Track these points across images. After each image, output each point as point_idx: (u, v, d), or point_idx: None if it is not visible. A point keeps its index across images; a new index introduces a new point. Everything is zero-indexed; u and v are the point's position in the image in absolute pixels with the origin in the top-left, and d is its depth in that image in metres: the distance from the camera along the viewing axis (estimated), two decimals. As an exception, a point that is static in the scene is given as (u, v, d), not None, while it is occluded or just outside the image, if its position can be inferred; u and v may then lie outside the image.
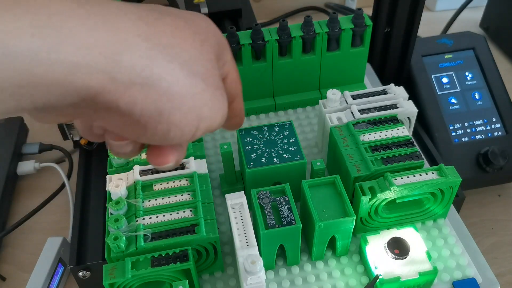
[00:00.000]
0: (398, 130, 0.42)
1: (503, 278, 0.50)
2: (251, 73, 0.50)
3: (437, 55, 0.61)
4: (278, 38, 0.48)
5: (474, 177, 0.55)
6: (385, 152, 0.40)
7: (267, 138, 0.42)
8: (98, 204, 0.50)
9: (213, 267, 0.38)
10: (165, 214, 0.36)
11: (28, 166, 0.59)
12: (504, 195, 0.59)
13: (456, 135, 0.56)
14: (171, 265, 0.33)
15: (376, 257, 0.37)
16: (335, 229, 0.37)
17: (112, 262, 0.34)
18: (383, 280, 0.35)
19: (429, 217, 0.41)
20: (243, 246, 0.34)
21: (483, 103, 0.58)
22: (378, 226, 0.40)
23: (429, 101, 0.58)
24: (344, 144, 0.41)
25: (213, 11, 0.67)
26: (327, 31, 0.48)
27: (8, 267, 0.53)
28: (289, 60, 0.50)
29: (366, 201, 0.37)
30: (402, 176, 0.38)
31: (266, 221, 0.35)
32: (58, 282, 0.49)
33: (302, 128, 0.51)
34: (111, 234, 0.34)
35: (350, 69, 0.52)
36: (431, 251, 0.39)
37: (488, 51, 0.61)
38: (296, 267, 0.39)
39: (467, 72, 0.60)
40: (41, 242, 0.50)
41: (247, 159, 0.41)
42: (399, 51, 0.59)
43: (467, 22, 0.82)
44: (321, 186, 0.38)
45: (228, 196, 0.37)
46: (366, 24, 0.49)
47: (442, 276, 0.38)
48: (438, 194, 0.39)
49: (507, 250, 0.53)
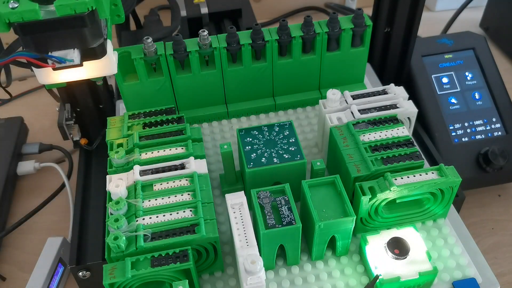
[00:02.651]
0: (398, 130, 0.42)
1: (503, 278, 0.50)
2: (251, 73, 0.50)
3: (437, 55, 0.61)
4: (278, 38, 0.48)
5: (474, 177, 0.55)
6: (385, 152, 0.40)
7: (267, 138, 0.42)
8: (98, 204, 0.50)
9: (213, 267, 0.38)
10: (165, 214, 0.36)
11: (28, 166, 0.59)
12: (504, 195, 0.59)
13: (456, 135, 0.56)
14: (171, 265, 0.33)
15: (376, 257, 0.37)
16: (335, 229, 0.37)
17: (112, 262, 0.34)
18: (383, 280, 0.35)
19: (429, 217, 0.41)
20: (243, 246, 0.34)
21: (483, 103, 0.58)
22: (378, 226, 0.40)
23: (429, 101, 0.58)
24: (344, 144, 0.41)
25: (213, 11, 0.67)
26: (327, 31, 0.48)
27: (8, 267, 0.53)
28: (289, 60, 0.50)
29: (366, 201, 0.37)
30: (402, 176, 0.38)
31: (266, 221, 0.35)
32: (58, 282, 0.49)
33: (302, 128, 0.51)
34: (111, 234, 0.34)
35: (350, 69, 0.52)
36: (431, 251, 0.39)
37: (488, 51, 0.61)
38: (296, 267, 0.39)
39: (467, 72, 0.60)
40: (41, 242, 0.50)
41: (247, 159, 0.41)
42: (399, 51, 0.59)
43: (467, 22, 0.82)
44: (321, 186, 0.38)
45: (228, 196, 0.37)
46: (366, 24, 0.49)
47: (442, 276, 0.38)
48: (438, 194, 0.39)
49: (507, 250, 0.53)
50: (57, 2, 0.34)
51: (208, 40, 0.47)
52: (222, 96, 0.51)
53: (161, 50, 0.47)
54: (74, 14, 0.34)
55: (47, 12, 0.35)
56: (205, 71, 0.49)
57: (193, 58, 0.47)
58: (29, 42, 0.36)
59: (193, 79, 0.49)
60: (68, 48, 0.37)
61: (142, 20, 0.69)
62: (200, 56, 0.48)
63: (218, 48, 0.47)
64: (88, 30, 0.36)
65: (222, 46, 0.47)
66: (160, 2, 0.75)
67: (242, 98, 0.52)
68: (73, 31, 0.36)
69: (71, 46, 0.37)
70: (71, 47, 0.37)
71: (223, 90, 0.51)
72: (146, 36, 0.46)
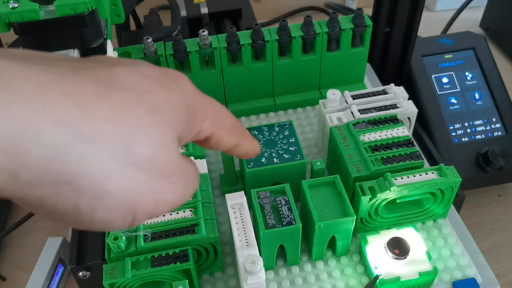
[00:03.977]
0: (398, 130, 0.42)
1: (503, 278, 0.50)
2: (251, 73, 0.50)
3: (437, 55, 0.60)
4: (278, 38, 0.48)
5: (474, 177, 0.55)
6: (385, 152, 0.40)
7: (267, 138, 0.42)
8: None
9: (213, 267, 0.38)
10: (165, 214, 0.36)
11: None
12: (504, 195, 0.59)
13: (456, 135, 0.56)
14: (171, 265, 0.33)
15: (376, 257, 0.37)
16: (335, 229, 0.37)
17: (112, 262, 0.34)
18: (383, 280, 0.35)
19: (429, 217, 0.41)
20: (243, 246, 0.34)
21: (483, 103, 0.58)
22: (378, 226, 0.40)
23: (429, 101, 0.58)
24: (344, 144, 0.41)
25: (213, 11, 0.67)
26: (327, 31, 0.48)
27: (8, 267, 0.53)
28: (289, 60, 0.50)
29: (366, 201, 0.37)
30: (402, 176, 0.38)
31: (266, 221, 0.35)
32: (58, 282, 0.49)
33: (302, 128, 0.51)
34: (111, 234, 0.34)
35: (350, 69, 0.52)
36: (431, 251, 0.39)
37: (488, 51, 0.61)
38: (296, 267, 0.39)
39: (467, 72, 0.60)
40: (41, 242, 0.50)
41: (247, 159, 0.41)
42: (399, 51, 0.59)
43: (467, 22, 0.82)
44: (321, 186, 0.38)
45: (228, 196, 0.37)
46: (366, 24, 0.49)
47: (442, 276, 0.38)
48: (438, 194, 0.39)
49: (507, 250, 0.53)
50: (57, 2, 0.34)
51: (208, 40, 0.47)
52: (222, 96, 0.51)
53: (161, 50, 0.47)
54: (74, 14, 0.34)
55: (47, 12, 0.35)
56: (205, 71, 0.49)
57: (193, 58, 0.47)
58: (29, 42, 0.36)
59: (193, 79, 0.49)
60: (68, 48, 0.37)
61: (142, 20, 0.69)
62: (200, 56, 0.48)
63: (218, 48, 0.47)
64: (88, 30, 0.36)
65: (222, 46, 0.47)
66: (160, 2, 0.75)
67: (242, 98, 0.52)
68: (73, 31, 0.36)
69: (71, 46, 0.37)
70: (71, 47, 0.37)
71: (223, 90, 0.51)
72: (146, 36, 0.46)
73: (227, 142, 0.25)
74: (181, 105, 0.22)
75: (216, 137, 0.24)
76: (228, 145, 0.26)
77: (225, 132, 0.25)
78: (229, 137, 0.25)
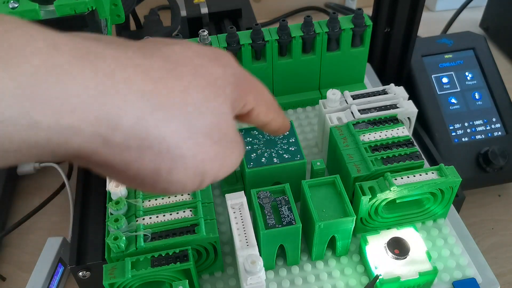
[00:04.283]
0: (398, 130, 0.42)
1: (503, 278, 0.50)
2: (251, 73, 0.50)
3: (437, 55, 0.60)
4: (278, 38, 0.48)
5: (474, 177, 0.55)
6: (385, 152, 0.40)
7: (267, 138, 0.42)
8: (98, 204, 0.50)
9: (213, 267, 0.38)
10: (165, 214, 0.36)
11: (28, 166, 0.59)
12: (504, 195, 0.59)
13: (456, 135, 0.56)
14: (171, 265, 0.33)
15: (376, 257, 0.37)
16: (335, 229, 0.37)
17: (112, 262, 0.34)
18: (383, 280, 0.35)
19: (429, 217, 0.41)
20: (243, 246, 0.34)
21: (483, 103, 0.58)
22: (378, 226, 0.40)
23: (429, 101, 0.58)
24: (344, 144, 0.41)
25: (213, 11, 0.67)
26: (327, 31, 0.48)
27: (8, 267, 0.53)
28: (289, 60, 0.50)
29: (366, 201, 0.37)
30: (402, 176, 0.38)
31: (266, 221, 0.35)
32: (58, 282, 0.49)
33: (302, 128, 0.51)
34: (111, 234, 0.34)
35: (350, 69, 0.52)
36: (431, 251, 0.39)
37: (488, 51, 0.61)
38: (296, 267, 0.39)
39: (467, 72, 0.60)
40: (41, 242, 0.50)
41: (247, 159, 0.41)
42: (399, 51, 0.59)
43: (467, 22, 0.82)
44: (321, 186, 0.38)
45: (228, 196, 0.37)
46: (366, 24, 0.49)
47: (442, 276, 0.38)
48: (438, 194, 0.39)
49: (507, 250, 0.53)
50: (57, 2, 0.34)
51: (208, 40, 0.47)
52: (222, 96, 0.51)
53: (161, 50, 0.47)
54: (74, 14, 0.35)
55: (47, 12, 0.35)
56: (205, 71, 0.49)
57: (193, 58, 0.47)
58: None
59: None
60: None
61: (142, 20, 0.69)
62: (200, 56, 0.48)
63: (218, 48, 0.47)
64: (88, 30, 0.36)
65: (222, 46, 0.47)
66: (160, 2, 0.75)
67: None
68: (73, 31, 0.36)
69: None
70: (71, 47, 0.37)
71: (223, 90, 0.51)
72: (146, 36, 0.46)
73: (265, 116, 0.28)
74: (232, 78, 0.24)
75: (257, 110, 0.27)
76: (265, 119, 0.29)
77: (264, 107, 0.28)
78: (267, 111, 0.28)
